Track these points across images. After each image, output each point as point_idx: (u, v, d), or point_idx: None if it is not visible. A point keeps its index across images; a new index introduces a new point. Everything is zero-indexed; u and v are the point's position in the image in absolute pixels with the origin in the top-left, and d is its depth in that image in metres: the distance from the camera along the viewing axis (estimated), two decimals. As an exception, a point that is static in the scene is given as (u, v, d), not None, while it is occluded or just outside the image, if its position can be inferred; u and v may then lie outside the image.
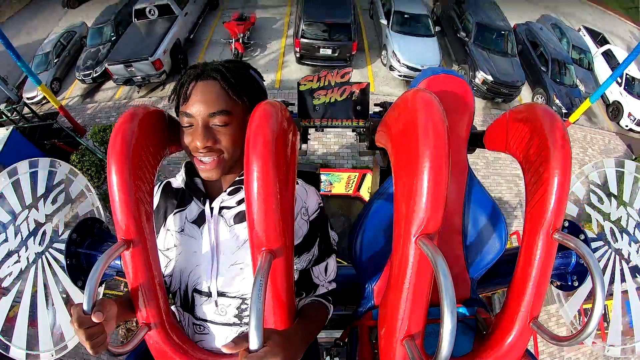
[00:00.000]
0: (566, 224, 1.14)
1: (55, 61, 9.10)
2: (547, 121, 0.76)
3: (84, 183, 1.38)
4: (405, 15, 8.59)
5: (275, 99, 0.83)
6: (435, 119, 0.66)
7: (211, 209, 0.87)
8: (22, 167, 1.33)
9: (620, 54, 9.76)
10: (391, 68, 8.22)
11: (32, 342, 1.23)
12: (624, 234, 1.32)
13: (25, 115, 7.37)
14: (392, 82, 8.45)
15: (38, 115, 7.60)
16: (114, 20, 9.36)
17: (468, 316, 1.01)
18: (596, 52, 10.56)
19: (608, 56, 10.10)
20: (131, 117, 0.78)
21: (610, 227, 1.33)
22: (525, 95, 8.88)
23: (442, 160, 0.63)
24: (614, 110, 9.31)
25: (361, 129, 1.29)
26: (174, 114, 0.90)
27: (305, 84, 1.20)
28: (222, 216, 0.87)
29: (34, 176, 1.33)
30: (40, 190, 1.32)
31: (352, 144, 7.25)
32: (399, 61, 7.97)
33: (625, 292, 1.27)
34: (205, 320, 0.91)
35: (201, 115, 0.79)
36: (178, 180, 0.96)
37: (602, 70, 9.92)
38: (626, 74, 9.19)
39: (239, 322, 0.89)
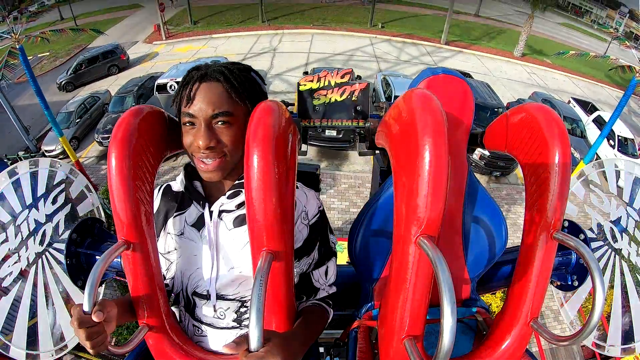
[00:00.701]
0: (566, 224, 1.14)
1: (77, 121, 9.80)
2: (547, 121, 0.76)
3: (84, 183, 1.38)
4: None
5: (275, 99, 0.83)
6: (435, 119, 0.66)
7: (211, 212, 0.87)
8: (22, 167, 1.33)
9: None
10: None
11: (32, 342, 1.23)
12: (624, 234, 1.32)
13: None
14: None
15: None
16: (136, 92, 10.20)
17: (468, 316, 1.01)
18: (587, 120, 11.09)
19: (599, 122, 10.49)
20: (130, 118, 0.78)
21: (610, 227, 1.33)
22: None
23: (442, 160, 0.63)
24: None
25: (361, 129, 1.29)
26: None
27: (305, 84, 1.20)
28: (221, 219, 0.87)
29: (34, 176, 1.33)
30: (40, 190, 1.32)
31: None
32: None
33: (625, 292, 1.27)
34: (204, 323, 0.91)
35: (204, 115, 0.79)
36: (178, 184, 0.96)
37: (594, 136, 10.29)
38: (618, 136, 9.68)
39: (238, 325, 0.89)
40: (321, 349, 1.28)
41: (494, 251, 1.04)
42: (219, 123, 0.80)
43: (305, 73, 10.89)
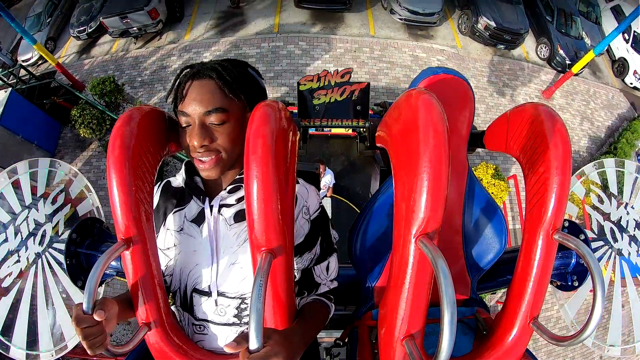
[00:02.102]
0: (566, 224, 1.14)
1: (48, 21, 8.89)
2: (548, 121, 0.76)
3: (84, 183, 1.38)
4: None
5: (275, 99, 0.83)
6: (435, 119, 0.66)
7: (211, 207, 0.87)
8: (22, 167, 1.33)
9: (630, 11, 9.29)
10: (392, 11, 8.07)
11: (32, 342, 1.23)
12: (624, 234, 1.32)
13: (22, 78, 7.26)
14: (393, 26, 8.35)
15: (35, 75, 7.46)
16: None
17: (468, 316, 1.01)
18: (605, 6, 10.15)
19: (617, 12, 9.74)
20: (130, 118, 0.78)
21: (610, 227, 1.33)
22: (529, 44, 8.74)
23: (442, 160, 0.63)
24: (620, 67, 9.10)
25: (361, 129, 1.29)
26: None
27: (305, 84, 1.20)
28: (221, 215, 0.87)
29: (34, 176, 1.33)
30: (40, 190, 1.32)
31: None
32: (399, 4, 7.81)
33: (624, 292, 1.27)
34: (205, 320, 0.90)
35: (197, 113, 0.79)
36: (178, 180, 0.96)
37: (609, 25, 9.51)
38: (634, 32, 8.91)
39: (238, 322, 0.89)
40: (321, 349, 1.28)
41: (494, 251, 1.04)
42: (214, 120, 0.79)
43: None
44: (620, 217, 1.34)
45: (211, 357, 0.87)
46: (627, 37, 9.02)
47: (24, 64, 7.80)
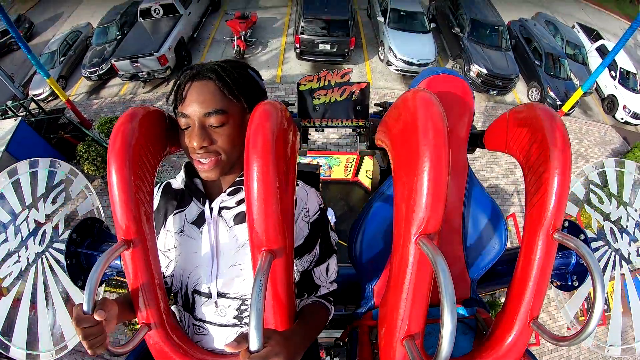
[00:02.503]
0: (566, 224, 1.14)
1: (61, 59, 9.32)
2: (547, 121, 0.76)
3: (84, 183, 1.38)
4: (402, 13, 8.89)
5: (275, 99, 0.83)
6: (435, 119, 0.66)
7: (211, 209, 0.87)
8: (22, 167, 1.33)
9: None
10: (388, 63, 8.48)
11: (32, 342, 1.23)
12: (624, 234, 1.32)
13: (32, 111, 7.48)
14: (389, 77, 8.72)
15: (44, 110, 7.69)
16: (119, 20, 9.72)
17: (468, 316, 1.01)
18: (590, 47, 10.66)
19: (602, 52, 10.13)
20: (131, 117, 0.78)
21: (610, 227, 1.33)
22: (520, 88, 9.05)
23: (442, 160, 0.63)
24: (609, 104, 9.41)
25: (361, 129, 1.29)
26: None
27: (305, 84, 1.20)
28: (221, 217, 0.87)
29: (34, 176, 1.33)
30: (40, 190, 1.32)
31: (350, 134, 7.46)
32: (395, 56, 8.22)
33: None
34: (205, 321, 0.91)
35: (197, 115, 0.79)
36: (178, 181, 0.96)
37: (596, 65, 9.86)
38: (620, 68, 9.36)
39: (238, 323, 0.89)
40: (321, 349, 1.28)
41: (494, 251, 1.04)
42: (213, 122, 0.79)
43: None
44: (620, 217, 1.34)
45: (211, 357, 0.87)
46: (614, 75, 9.46)
47: (35, 98, 8.07)
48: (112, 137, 0.76)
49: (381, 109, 1.51)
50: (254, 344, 0.57)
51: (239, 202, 0.87)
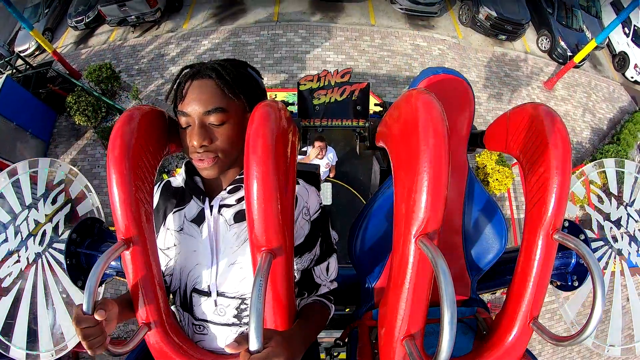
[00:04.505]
0: (566, 224, 1.14)
1: (45, 12, 8.86)
2: (547, 121, 0.76)
3: (84, 183, 1.38)
4: None
5: (275, 99, 0.83)
6: (435, 119, 0.66)
7: (210, 207, 0.87)
8: (22, 167, 1.33)
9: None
10: (392, 1, 8.13)
11: (32, 342, 1.23)
12: (624, 234, 1.32)
13: (19, 67, 7.21)
14: (393, 16, 8.37)
15: (32, 65, 7.40)
16: None
17: (468, 316, 1.01)
18: (605, 1, 10.27)
19: (616, 7, 9.81)
20: (130, 118, 0.78)
21: (610, 227, 1.33)
22: (530, 36, 8.78)
23: (442, 160, 0.63)
24: (620, 61, 9.17)
25: (361, 129, 1.29)
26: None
27: (305, 84, 1.20)
28: (221, 215, 0.87)
29: (34, 176, 1.33)
30: (40, 190, 1.32)
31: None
32: None
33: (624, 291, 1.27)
34: (205, 320, 0.90)
35: (197, 113, 0.79)
36: (178, 180, 0.96)
37: (610, 19, 9.47)
38: (634, 26, 9.01)
39: (238, 322, 0.89)
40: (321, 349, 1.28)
41: (494, 251, 1.04)
42: (213, 120, 0.79)
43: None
44: (620, 217, 1.34)
45: (211, 357, 0.87)
46: (627, 31, 9.11)
47: (20, 54, 7.68)
48: (111, 138, 0.76)
49: (381, 109, 1.52)
50: (254, 344, 0.57)
51: (239, 200, 0.87)
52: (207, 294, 0.88)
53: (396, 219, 0.75)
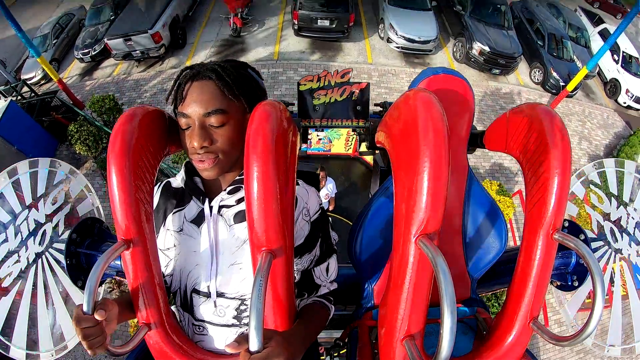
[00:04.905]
0: (566, 224, 1.14)
1: (53, 42, 9.11)
2: (547, 121, 0.76)
3: (84, 183, 1.38)
4: None
5: (275, 99, 0.83)
6: (435, 119, 0.66)
7: (210, 208, 0.87)
8: (22, 167, 1.33)
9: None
10: (389, 40, 8.42)
11: (32, 342, 1.23)
12: (624, 234, 1.32)
13: (24, 94, 7.37)
14: (390, 54, 8.67)
15: (36, 92, 7.57)
16: (113, 1, 9.39)
17: (468, 316, 1.01)
18: (593, 31, 10.63)
19: (604, 36, 10.09)
20: (131, 117, 0.78)
21: (610, 227, 1.33)
22: (523, 69, 9.01)
23: (442, 160, 0.63)
24: (612, 88, 9.39)
25: (361, 129, 1.29)
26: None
27: (305, 84, 1.20)
28: (221, 215, 0.87)
29: (34, 176, 1.33)
30: (40, 190, 1.32)
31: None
32: (396, 33, 8.15)
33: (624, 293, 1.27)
34: (205, 321, 0.90)
35: (197, 115, 0.79)
36: (178, 180, 0.96)
37: (599, 48, 9.94)
38: (623, 52, 9.34)
39: (238, 323, 0.89)
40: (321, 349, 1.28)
41: (494, 251, 1.04)
42: (213, 122, 0.79)
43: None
44: (620, 217, 1.34)
45: (211, 357, 0.87)
46: (616, 58, 9.45)
47: (27, 82, 7.93)
48: (111, 137, 0.76)
49: (381, 109, 1.52)
50: (254, 344, 0.57)
51: (239, 201, 0.87)
52: (207, 294, 0.88)
53: (396, 219, 0.75)
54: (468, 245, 1.03)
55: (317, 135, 5.75)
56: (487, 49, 8.08)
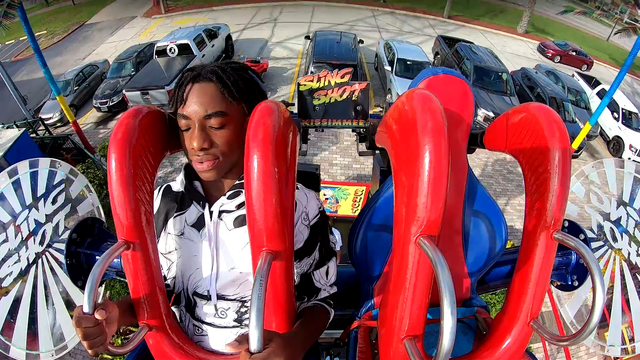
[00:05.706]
0: (566, 224, 1.14)
1: (75, 89, 9.72)
2: (547, 121, 0.76)
3: (84, 183, 1.38)
4: (408, 62, 9.39)
5: (275, 100, 0.83)
6: (435, 118, 0.66)
7: (211, 212, 0.87)
8: (22, 167, 1.33)
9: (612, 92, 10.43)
10: None
11: (32, 342, 1.23)
12: (624, 234, 1.32)
13: (38, 131, 7.66)
14: None
15: (51, 132, 7.89)
16: (135, 57, 10.21)
17: (468, 316, 1.01)
18: (591, 93, 11.12)
19: (602, 96, 10.67)
20: (134, 113, 0.78)
21: (610, 227, 1.32)
22: None
23: (442, 160, 0.63)
24: (615, 145, 9.66)
25: (361, 129, 1.29)
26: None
27: (305, 84, 1.20)
28: (221, 220, 0.87)
29: (34, 176, 1.33)
30: (40, 190, 1.32)
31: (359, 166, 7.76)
32: None
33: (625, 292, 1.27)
34: (206, 323, 0.91)
35: (197, 116, 0.79)
36: (177, 184, 0.96)
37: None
38: (622, 109, 9.69)
39: (238, 325, 0.89)
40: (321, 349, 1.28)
41: (494, 251, 1.04)
42: (213, 124, 0.79)
43: (307, 37, 10.68)
44: (620, 217, 1.34)
45: (211, 357, 0.87)
46: (616, 116, 9.79)
47: (44, 122, 8.33)
48: (114, 130, 0.76)
49: (381, 109, 1.51)
50: (254, 344, 0.57)
51: (239, 206, 0.88)
52: (208, 297, 0.88)
53: (396, 219, 0.75)
54: (468, 245, 1.03)
55: (324, 195, 5.61)
56: (491, 114, 8.41)
